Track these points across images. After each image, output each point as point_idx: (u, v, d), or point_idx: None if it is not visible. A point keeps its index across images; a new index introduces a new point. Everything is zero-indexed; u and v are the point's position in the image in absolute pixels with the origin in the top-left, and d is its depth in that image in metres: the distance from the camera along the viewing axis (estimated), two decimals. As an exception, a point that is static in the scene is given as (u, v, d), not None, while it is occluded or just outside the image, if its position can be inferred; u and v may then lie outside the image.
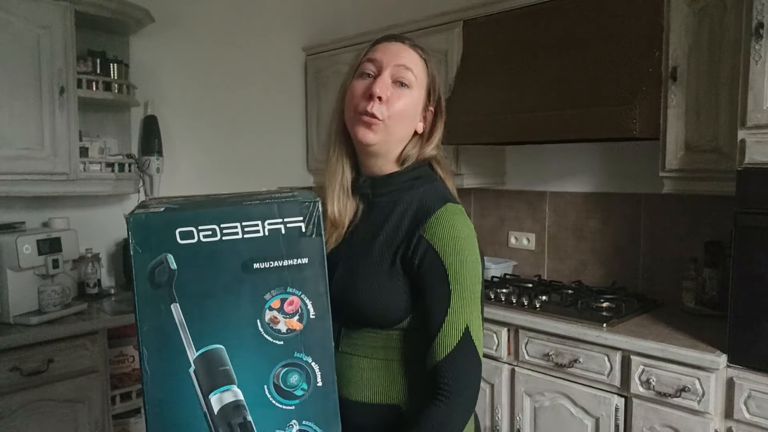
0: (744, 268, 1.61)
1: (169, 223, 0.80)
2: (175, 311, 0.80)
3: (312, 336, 0.84)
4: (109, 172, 2.31)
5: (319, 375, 0.85)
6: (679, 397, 1.67)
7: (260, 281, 0.83)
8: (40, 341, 1.90)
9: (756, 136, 1.59)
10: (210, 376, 0.81)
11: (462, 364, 0.91)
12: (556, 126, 2.02)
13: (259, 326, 0.83)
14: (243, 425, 0.82)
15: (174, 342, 0.80)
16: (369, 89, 0.94)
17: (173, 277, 0.80)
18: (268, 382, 0.83)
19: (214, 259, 0.81)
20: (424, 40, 2.53)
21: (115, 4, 2.23)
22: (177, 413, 0.81)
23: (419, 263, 0.92)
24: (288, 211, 0.83)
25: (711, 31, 1.80)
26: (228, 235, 0.81)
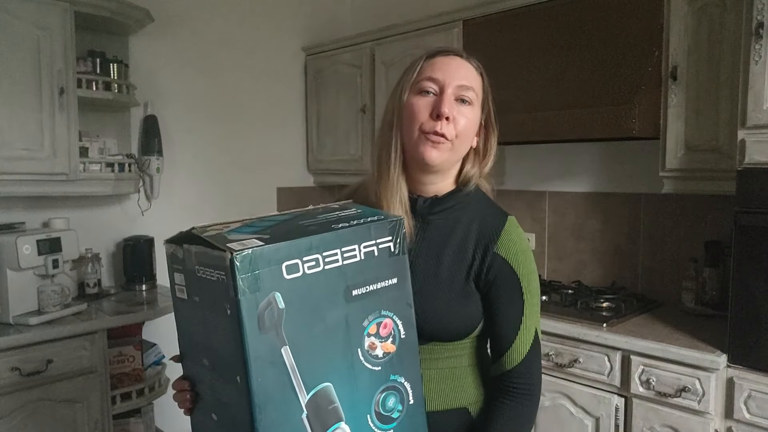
0: (744, 268, 1.61)
1: (276, 257, 0.71)
2: (285, 355, 0.73)
3: (404, 356, 0.84)
4: (109, 172, 2.31)
5: (411, 393, 0.86)
6: (679, 397, 1.67)
7: (359, 308, 0.80)
8: (40, 341, 1.90)
9: (756, 136, 1.59)
10: (321, 419, 0.76)
11: (536, 365, 0.99)
12: (555, 126, 2.02)
13: (360, 355, 0.80)
14: None
15: (285, 389, 0.73)
16: (435, 108, 0.93)
17: (282, 317, 0.72)
18: (370, 411, 0.81)
19: (317, 291, 0.75)
20: (424, 40, 2.53)
21: (114, 4, 2.23)
22: None
23: (494, 278, 0.96)
24: (380, 231, 0.82)
25: (711, 31, 1.80)
26: (330, 263, 0.76)
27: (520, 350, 0.97)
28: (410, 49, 2.59)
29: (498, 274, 0.96)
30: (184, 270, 0.80)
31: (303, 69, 3.25)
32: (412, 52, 2.55)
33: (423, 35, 2.56)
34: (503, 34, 2.28)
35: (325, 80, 3.11)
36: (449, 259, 0.97)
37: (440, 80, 0.95)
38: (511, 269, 0.96)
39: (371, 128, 2.86)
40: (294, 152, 3.25)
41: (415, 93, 0.96)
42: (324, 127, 3.16)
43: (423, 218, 1.00)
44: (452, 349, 0.99)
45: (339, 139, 3.06)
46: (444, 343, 0.98)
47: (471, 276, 0.96)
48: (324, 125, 3.16)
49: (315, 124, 3.21)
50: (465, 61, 0.99)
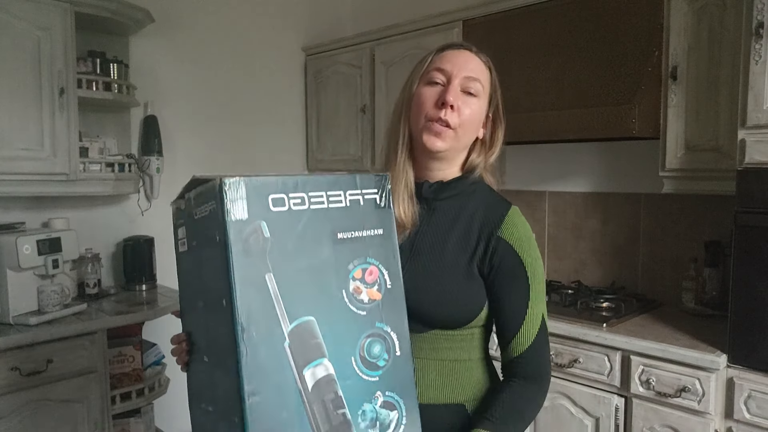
0: (744, 268, 1.61)
1: (263, 187, 0.76)
2: (269, 282, 0.76)
3: (389, 305, 0.85)
4: (109, 173, 2.31)
5: (397, 344, 0.85)
6: (679, 397, 1.67)
7: (345, 251, 0.82)
8: (40, 341, 1.90)
9: (756, 135, 1.59)
10: (304, 350, 0.77)
11: (544, 351, 0.99)
12: (555, 126, 2.02)
13: (344, 296, 0.81)
14: (335, 400, 0.79)
15: (269, 316, 0.75)
16: (441, 97, 0.97)
17: (267, 245, 0.76)
18: (355, 353, 0.81)
19: (303, 227, 0.79)
20: (424, 40, 2.53)
21: (115, 4, 2.23)
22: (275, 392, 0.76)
23: (499, 263, 0.97)
24: (366, 182, 0.85)
25: (711, 31, 1.80)
26: (315, 203, 0.80)
27: (527, 336, 0.97)
28: (410, 49, 2.59)
29: (502, 259, 0.97)
30: (186, 220, 0.85)
31: (303, 69, 3.25)
32: (412, 52, 2.55)
33: (423, 35, 2.56)
34: (503, 34, 2.28)
35: (325, 80, 3.11)
36: (453, 243, 0.99)
37: (448, 71, 0.98)
38: (515, 254, 0.97)
39: (371, 128, 2.86)
40: (294, 152, 3.25)
41: (424, 83, 1.00)
42: (324, 127, 3.16)
43: (429, 204, 1.02)
44: (453, 339, 0.99)
45: (339, 138, 3.06)
46: (445, 332, 0.98)
47: (474, 260, 0.98)
48: (324, 125, 3.16)
49: (315, 124, 3.21)
50: (474, 55, 1.02)
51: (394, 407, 0.84)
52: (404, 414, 0.85)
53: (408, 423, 0.85)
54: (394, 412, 0.84)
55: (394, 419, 0.84)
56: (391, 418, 0.84)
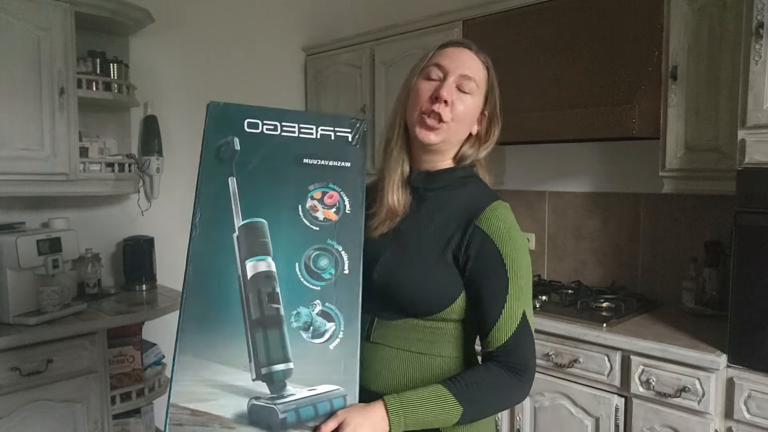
0: (744, 268, 1.61)
1: (241, 112, 0.95)
2: (231, 183, 0.91)
3: (345, 228, 0.94)
4: (109, 173, 2.31)
5: (347, 263, 0.93)
6: (679, 397, 1.67)
7: (307, 174, 0.94)
8: (40, 341, 1.90)
9: (756, 135, 1.59)
10: (250, 245, 0.89)
11: (523, 348, 0.96)
12: (555, 126, 2.02)
13: (299, 210, 0.93)
14: (271, 294, 0.88)
15: (225, 209, 0.90)
16: (435, 92, 0.99)
17: (235, 155, 0.92)
18: (300, 261, 0.91)
19: (270, 149, 0.94)
20: (424, 40, 2.53)
21: (114, 4, 2.23)
22: (214, 270, 0.88)
23: (476, 253, 0.96)
24: (339, 122, 0.98)
25: (711, 31, 1.80)
26: (287, 131, 0.95)
27: (504, 331, 0.94)
28: (410, 49, 2.59)
29: (480, 249, 0.96)
30: None
31: (303, 69, 3.25)
32: (412, 52, 2.55)
33: (423, 35, 2.56)
34: (503, 34, 2.28)
35: (325, 80, 3.11)
36: (433, 230, 1.00)
37: (445, 67, 1.01)
38: (492, 244, 0.96)
39: (371, 128, 2.86)
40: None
41: (422, 78, 1.03)
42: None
43: (419, 193, 1.04)
44: (424, 331, 0.98)
45: (339, 139, 3.05)
46: (416, 321, 0.98)
47: (450, 248, 0.97)
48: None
49: (315, 124, 3.20)
50: (473, 54, 1.03)
51: (332, 319, 0.91)
52: (342, 328, 0.91)
53: (345, 338, 0.90)
54: (331, 324, 0.90)
55: (329, 329, 0.90)
56: (327, 328, 0.90)
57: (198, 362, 0.85)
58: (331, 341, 0.89)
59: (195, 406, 0.84)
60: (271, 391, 0.85)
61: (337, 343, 0.89)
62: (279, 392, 0.85)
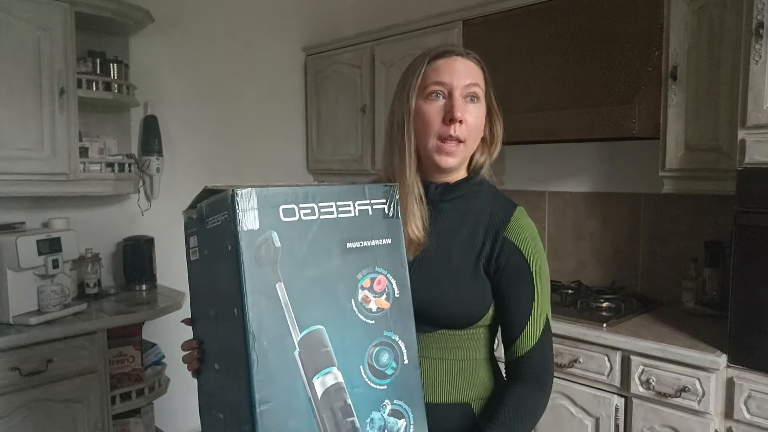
0: (744, 268, 1.61)
1: (274, 199, 0.78)
2: (280, 291, 0.77)
3: (397, 314, 0.86)
4: (109, 173, 2.31)
5: (405, 352, 0.86)
6: (679, 397, 1.67)
7: (353, 260, 0.83)
8: (40, 341, 1.90)
9: (756, 135, 1.59)
10: (313, 359, 0.79)
11: (548, 351, 1.00)
12: (555, 126, 2.02)
13: (353, 306, 0.83)
14: (344, 408, 0.80)
15: (279, 324, 0.77)
16: (448, 113, 0.96)
17: (278, 255, 0.77)
18: (363, 362, 0.82)
19: (312, 238, 0.80)
20: (424, 40, 2.53)
21: (115, 4, 2.23)
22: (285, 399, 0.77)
23: (505, 263, 0.98)
24: (374, 193, 0.87)
25: (711, 30, 1.80)
26: (325, 214, 0.82)
27: (531, 336, 0.98)
28: (410, 49, 2.59)
29: (508, 259, 0.98)
30: (198, 229, 0.86)
31: (303, 69, 3.25)
32: (412, 52, 2.55)
33: (423, 35, 2.56)
34: (503, 34, 2.28)
35: (325, 80, 3.11)
36: (460, 244, 1.00)
37: (447, 83, 0.98)
38: (521, 254, 0.99)
39: (371, 128, 2.86)
40: (294, 152, 3.25)
41: (423, 98, 0.99)
42: (324, 127, 3.16)
43: (435, 206, 1.03)
44: (460, 339, 1.00)
45: (339, 139, 3.06)
46: (452, 332, 0.99)
47: (481, 261, 0.99)
48: (324, 125, 3.16)
49: (315, 124, 3.21)
50: (466, 59, 1.01)
51: (402, 415, 0.85)
52: (412, 422, 0.86)
53: (416, 430, 0.86)
54: (402, 420, 0.85)
55: (402, 427, 0.85)
56: (399, 426, 0.84)
57: None
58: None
59: None
60: None
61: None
62: None
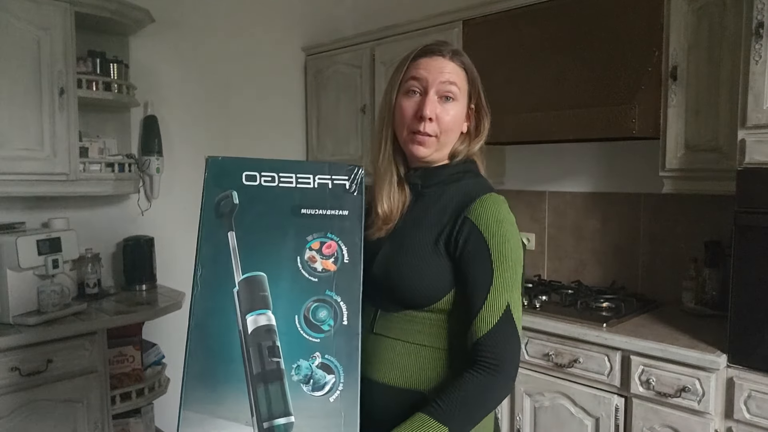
0: (744, 268, 1.61)
1: (238, 165, 0.96)
2: (231, 238, 0.92)
3: (344, 278, 0.93)
4: (109, 173, 2.31)
5: (346, 314, 0.92)
6: (679, 397, 1.67)
7: (305, 224, 0.95)
8: (40, 341, 1.90)
9: (756, 135, 1.59)
10: (250, 299, 0.90)
11: (503, 340, 0.95)
12: (555, 126, 2.02)
13: (298, 262, 0.93)
14: (271, 348, 0.88)
15: (225, 264, 0.91)
16: (419, 110, 1.01)
17: (234, 210, 0.93)
18: (299, 313, 0.91)
19: (269, 201, 0.95)
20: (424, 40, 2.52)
21: (114, 4, 2.23)
22: (216, 326, 0.89)
23: (463, 243, 0.98)
24: (336, 170, 0.98)
25: (711, 30, 1.80)
26: (284, 182, 0.96)
27: (487, 320, 0.95)
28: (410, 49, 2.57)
29: (467, 238, 0.97)
30: None
31: (303, 69, 3.25)
32: (412, 52, 2.55)
33: (423, 35, 2.56)
34: (503, 34, 2.28)
35: (325, 80, 3.11)
36: (427, 222, 1.02)
37: (424, 79, 1.02)
38: (480, 234, 0.97)
39: (371, 128, 2.86)
40: (294, 152, 3.25)
41: (402, 93, 1.04)
42: (324, 127, 3.16)
43: (417, 191, 1.06)
44: (423, 323, 1.00)
45: (339, 139, 3.06)
46: (414, 313, 1.00)
47: (441, 239, 0.99)
48: (324, 125, 3.16)
49: (315, 124, 3.21)
50: (448, 60, 1.04)
51: (332, 371, 0.90)
52: (342, 380, 0.90)
53: (345, 390, 0.90)
54: (331, 376, 0.90)
55: (330, 382, 0.90)
56: (327, 380, 0.90)
57: (201, 418, 0.86)
58: (331, 394, 0.89)
59: None
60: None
61: (337, 396, 0.89)
62: None
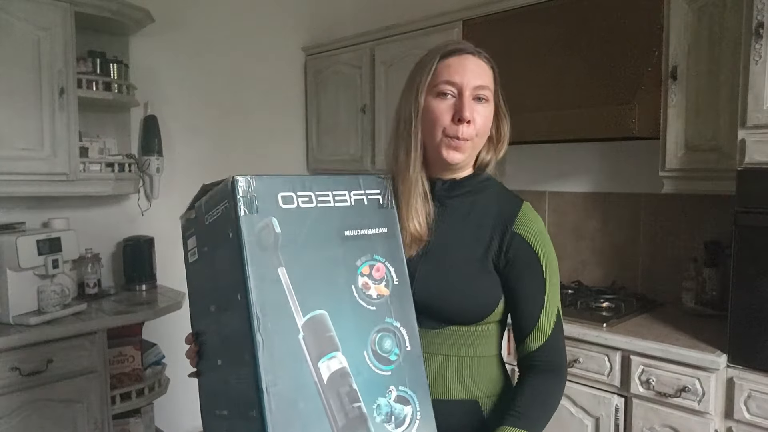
0: (744, 268, 1.61)
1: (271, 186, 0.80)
2: (282, 275, 0.78)
3: (397, 301, 0.87)
4: (109, 173, 2.31)
5: (407, 339, 0.87)
6: (679, 397, 1.67)
7: (351, 248, 0.85)
8: (40, 341, 1.90)
9: (756, 135, 1.59)
10: (317, 343, 0.79)
11: (560, 343, 1.01)
12: (555, 126, 2.02)
13: (354, 292, 0.84)
14: (350, 393, 0.80)
15: (283, 308, 0.78)
16: (457, 112, 0.97)
17: (278, 240, 0.79)
18: (366, 348, 0.83)
19: (311, 225, 0.82)
20: (424, 40, 2.53)
21: (115, 4, 2.23)
22: (292, 383, 0.77)
23: (514, 257, 0.98)
24: (368, 183, 0.90)
25: (711, 30, 1.80)
26: (322, 202, 0.84)
27: (544, 330, 0.99)
28: (410, 49, 2.59)
29: (517, 253, 0.98)
30: (196, 228, 0.88)
31: (303, 69, 3.25)
32: (412, 52, 2.55)
33: (423, 35, 2.56)
34: (503, 34, 2.28)
35: (325, 80, 3.11)
36: (467, 239, 1.00)
37: (458, 83, 0.98)
38: (530, 248, 0.99)
39: (371, 128, 2.86)
40: (294, 152, 3.26)
41: (433, 96, 0.99)
42: (324, 127, 3.16)
43: (441, 202, 1.03)
44: (468, 336, 1.00)
45: (339, 139, 3.06)
46: (461, 329, 0.99)
47: (489, 255, 0.98)
48: (324, 125, 3.16)
49: (315, 124, 3.21)
50: (477, 59, 1.01)
51: (408, 402, 0.85)
52: (418, 409, 0.86)
53: (422, 418, 0.86)
54: (408, 407, 0.85)
55: (408, 414, 0.85)
56: (406, 413, 0.85)
57: None
58: (412, 425, 0.85)
59: None
60: None
61: (417, 426, 0.85)
62: None
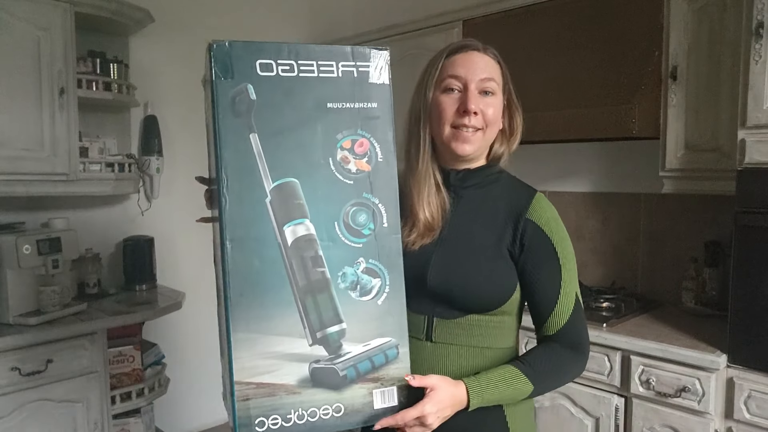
0: (744, 268, 1.61)
1: (251, 52, 0.80)
2: (253, 141, 0.80)
3: (379, 178, 0.87)
4: (109, 173, 2.31)
5: (385, 216, 0.88)
6: (679, 397, 1.67)
7: (333, 121, 0.84)
8: (40, 341, 1.90)
9: (756, 135, 1.59)
10: (285, 208, 0.82)
11: (580, 325, 1.01)
12: (555, 126, 2.02)
13: (331, 164, 0.84)
14: (314, 259, 0.83)
15: (252, 171, 0.80)
16: (463, 104, 0.99)
17: (252, 107, 0.80)
18: (338, 219, 0.85)
19: (289, 94, 0.81)
20: (424, 40, 2.53)
21: (114, 4, 2.23)
22: (253, 241, 0.80)
23: (529, 244, 1.00)
24: (360, 55, 0.86)
25: (711, 31, 1.80)
26: (304, 72, 0.82)
27: (562, 315, 1.00)
28: (410, 49, 2.58)
29: (531, 239, 1.00)
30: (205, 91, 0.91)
31: (303, 69, 3.24)
32: (412, 52, 2.55)
33: (423, 35, 2.56)
34: (503, 34, 2.28)
35: (325, 80, 3.11)
36: (481, 227, 1.02)
37: (463, 77, 1.00)
38: (544, 234, 1.00)
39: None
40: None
41: (440, 91, 1.02)
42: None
43: (456, 192, 1.05)
44: (487, 326, 1.01)
45: (339, 139, 3.05)
46: (479, 318, 1.00)
47: (504, 243, 1.00)
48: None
49: (315, 124, 3.21)
50: (483, 54, 1.03)
51: (377, 275, 0.88)
52: (387, 282, 0.89)
53: (391, 291, 0.89)
54: (377, 279, 0.88)
55: (376, 285, 0.88)
56: (373, 284, 0.88)
57: (253, 337, 0.82)
58: (379, 297, 0.88)
59: (258, 379, 0.83)
60: (328, 353, 0.86)
61: (384, 298, 0.88)
62: (336, 352, 0.86)
